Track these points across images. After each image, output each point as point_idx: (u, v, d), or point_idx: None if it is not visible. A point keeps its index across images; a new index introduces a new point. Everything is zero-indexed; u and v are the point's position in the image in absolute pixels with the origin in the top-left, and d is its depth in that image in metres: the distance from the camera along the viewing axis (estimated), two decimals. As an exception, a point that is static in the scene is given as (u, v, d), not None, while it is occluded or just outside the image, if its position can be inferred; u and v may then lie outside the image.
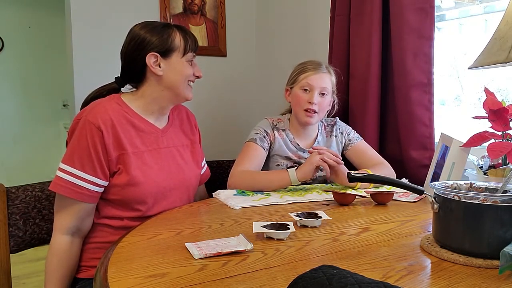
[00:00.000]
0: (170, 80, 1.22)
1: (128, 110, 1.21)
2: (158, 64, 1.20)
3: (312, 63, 1.55)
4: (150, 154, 1.22)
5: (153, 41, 1.19)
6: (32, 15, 3.93)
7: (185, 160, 1.31)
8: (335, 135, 1.60)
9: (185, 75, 1.23)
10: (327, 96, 1.53)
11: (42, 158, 3.94)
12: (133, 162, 1.17)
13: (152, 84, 1.22)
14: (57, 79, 3.97)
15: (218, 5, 2.45)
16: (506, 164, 1.17)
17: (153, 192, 1.20)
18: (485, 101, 1.14)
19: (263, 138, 1.52)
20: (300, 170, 1.35)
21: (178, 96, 1.26)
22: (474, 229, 0.76)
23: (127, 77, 1.26)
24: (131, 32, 1.23)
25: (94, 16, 2.08)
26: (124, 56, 1.24)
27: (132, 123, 1.20)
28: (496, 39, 0.96)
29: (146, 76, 1.22)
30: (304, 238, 0.91)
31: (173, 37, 1.21)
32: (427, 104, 1.54)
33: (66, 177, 1.11)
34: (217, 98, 2.51)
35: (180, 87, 1.23)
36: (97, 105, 1.18)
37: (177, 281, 0.70)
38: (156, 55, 1.19)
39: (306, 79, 1.50)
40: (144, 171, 1.18)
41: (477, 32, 1.69)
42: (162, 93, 1.23)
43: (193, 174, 1.34)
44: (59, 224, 1.15)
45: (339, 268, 0.60)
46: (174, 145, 1.29)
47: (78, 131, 1.13)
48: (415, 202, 1.24)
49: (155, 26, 1.22)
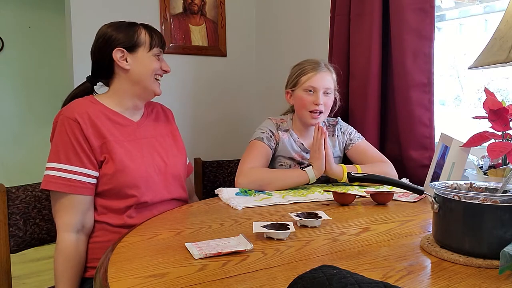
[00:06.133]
0: (137, 74, 1.26)
1: (102, 107, 1.26)
2: (125, 59, 1.25)
3: (310, 62, 1.54)
4: (130, 144, 1.25)
5: (119, 37, 1.25)
6: (32, 15, 3.93)
7: (166, 149, 1.34)
8: (337, 135, 1.60)
9: (151, 69, 1.27)
10: (331, 95, 1.53)
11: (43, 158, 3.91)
12: (118, 149, 1.20)
13: (121, 78, 1.27)
14: (57, 79, 3.96)
15: (218, 5, 2.45)
16: (506, 164, 1.17)
17: (143, 176, 1.22)
18: (485, 101, 1.14)
19: (269, 138, 1.52)
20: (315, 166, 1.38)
21: (147, 90, 1.30)
22: (474, 229, 0.76)
23: (97, 74, 1.31)
24: (99, 31, 1.29)
25: (94, 16, 2.08)
26: (93, 54, 1.30)
27: (108, 117, 1.24)
28: (496, 39, 0.96)
29: (114, 72, 1.27)
30: (304, 238, 0.91)
31: (138, 34, 1.26)
32: (427, 104, 1.54)
33: (55, 173, 1.15)
34: (217, 98, 2.51)
35: (148, 81, 1.28)
36: (71, 104, 1.23)
37: (177, 281, 0.70)
38: (122, 50, 1.24)
39: (308, 82, 1.50)
40: (130, 157, 1.22)
41: (477, 32, 1.69)
42: (132, 88, 1.27)
43: (178, 160, 1.36)
44: (62, 223, 1.16)
45: (339, 268, 0.60)
46: (152, 136, 1.33)
47: (58, 129, 1.18)
48: (415, 202, 1.24)
49: (121, 24, 1.28)
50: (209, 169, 1.91)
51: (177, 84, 2.35)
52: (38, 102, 4.02)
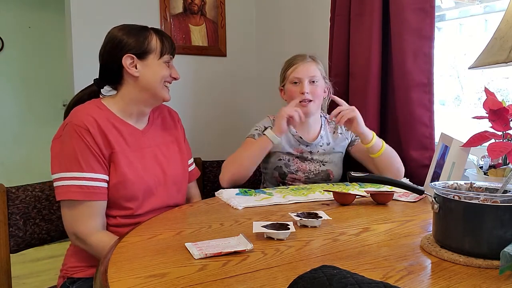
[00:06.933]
0: (147, 81, 1.23)
1: (109, 113, 1.23)
2: (135, 66, 1.22)
3: (296, 57, 1.58)
4: (134, 154, 1.23)
5: (129, 43, 1.21)
6: (32, 15, 3.93)
7: (168, 158, 1.32)
8: (340, 132, 1.61)
9: (161, 76, 1.25)
10: (318, 83, 1.54)
11: (42, 158, 3.91)
12: (122, 161, 1.19)
13: (130, 85, 1.24)
14: (57, 79, 3.96)
15: (218, 5, 2.45)
16: (506, 164, 1.17)
17: (141, 189, 1.21)
18: (485, 101, 1.14)
19: (261, 134, 1.53)
20: (274, 126, 1.45)
21: (155, 97, 1.27)
22: (474, 229, 0.76)
23: (105, 78, 1.28)
24: (109, 34, 1.25)
25: (94, 16, 2.09)
26: (101, 57, 1.26)
27: (114, 125, 1.22)
28: (496, 39, 0.96)
29: (123, 78, 1.24)
30: (304, 238, 0.91)
31: (149, 40, 1.23)
32: (427, 104, 1.54)
33: (77, 182, 1.12)
34: (217, 98, 2.51)
35: (157, 88, 1.25)
36: (79, 110, 1.20)
37: (177, 281, 0.70)
38: (132, 57, 1.21)
39: (293, 73, 1.54)
40: (132, 169, 1.20)
41: (477, 32, 1.69)
42: (140, 94, 1.24)
43: (178, 170, 1.35)
44: (86, 230, 1.14)
45: (339, 268, 0.60)
46: (155, 144, 1.31)
47: (69, 137, 1.14)
48: (415, 202, 1.24)
49: (133, 28, 1.25)
50: (209, 169, 1.91)
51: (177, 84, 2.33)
52: (38, 102, 4.02)
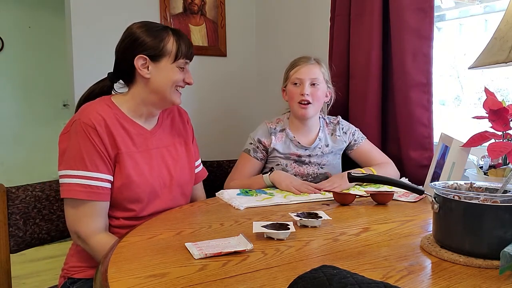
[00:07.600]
0: (157, 84, 1.22)
1: (118, 112, 1.22)
2: (147, 67, 1.20)
3: (300, 58, 1.58)
4: (140, 155, 1.22)
5: (146, 42, 1.19)
6: (32, 15, 3.93)
7: (176, 159, 1.31)
8: (338, 135, 1.60)
9: (172, 81, 1.23)
10: (320, 86, 1.54)
11: (42, 158, 3.93)
12: (127, 162, 1.18)
13: (140, 85, 1.23)
14: (57, 79, 3.96)
15: (218, 5, 2.45)
16: (506, 164, 1.17)
17: (147, 191, 1.21)
18: (485, 101, 1.14)
19: (256, 149, 1.57)
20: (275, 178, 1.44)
21: (165, 100, 1.25)
22: (474, 229, 0.76)
23: (118, 74, 1.28)
24: (128, 30, 1.23)
25: (94, 16, 2.08)
26: (117, 52, 1.25)
27: (122, 125, 1.21)
28: (496, 39, 0.96)
29: (135, 77, 1.23)
30: (304, 238, 0.91)
31: (166, 42, 1.20)
32: (426, 104, 1.54)
33: (81, 181, 1.11)
34: (217, 98, 2.51)
35: (167, 91, 1.23)
36: (88, 107, 1.18)
37: (177, 281, 0.70)
38: (145, 58, 1.19)
39: (295, 74, 1.54)
40: (137, 171, 1.19)
41: (477, 32, 1.69)
42: (150, 96, 1.23)
43: (184, 173, 1.33)
44: (88, 230, 1.13)
45: (339, 268, 0.60)
46: (163, 146, 1.30)
47: (75, 135, 1.13)
48: (415, 202, 1.24)
49: (152, 27, 1.22)
50: (209, 169, 1.90)
51: (177, 84, 2.34)
52: (38, 102, 4.02)
